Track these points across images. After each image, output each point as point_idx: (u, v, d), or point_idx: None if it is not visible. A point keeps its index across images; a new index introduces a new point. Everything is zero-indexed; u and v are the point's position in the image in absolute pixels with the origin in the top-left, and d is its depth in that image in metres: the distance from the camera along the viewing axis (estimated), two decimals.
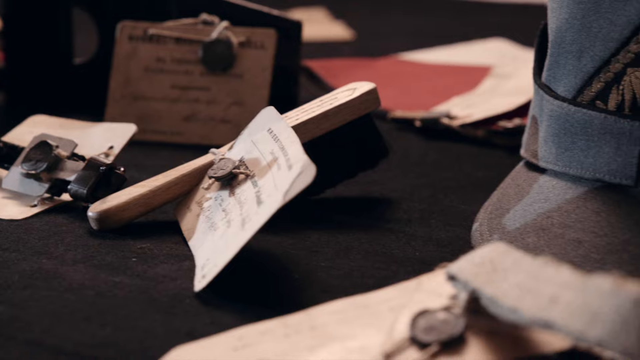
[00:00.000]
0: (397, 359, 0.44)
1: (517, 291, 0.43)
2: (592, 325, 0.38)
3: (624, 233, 0.55)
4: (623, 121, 0.56)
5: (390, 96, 0.94)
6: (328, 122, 0.66)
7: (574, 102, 0.59)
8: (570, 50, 0.59)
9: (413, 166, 0.77)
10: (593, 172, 0.58)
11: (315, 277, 0.56)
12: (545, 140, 0.62)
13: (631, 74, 0.56)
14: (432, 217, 0.66)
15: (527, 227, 0.58)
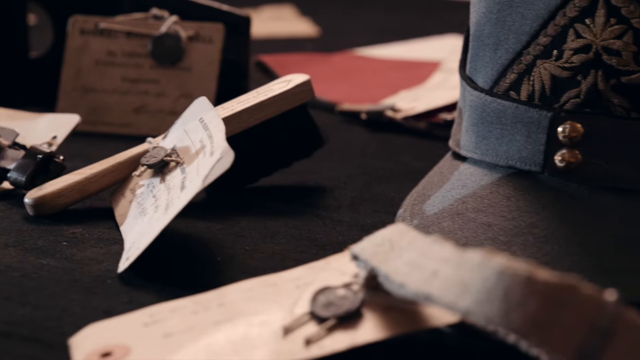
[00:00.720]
0: (295, 333, 0.47)
1: (406, 268, 0.45)
2: (462, 296, 0.40)
3: (530, 216, 0.58)
4: (533, 110, 0.59)
5: (342, 90, 0.97)
6: (263, 113, 0.68)
7: (490, 92, 0.62)
8: (487, 43, 0.62)
9: (352, 156, 0.79)
10: (506, 159, 0.60)
11: (237, 260, 0.58)
12: (466, 129, 0.64)
13: (540, 66, 0.59)
14: (361, 204, 0.68)
15: (444, 212, 0.61)
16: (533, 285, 0.39)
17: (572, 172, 0.57)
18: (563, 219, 0.57)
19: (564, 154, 0.58)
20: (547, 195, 0.58)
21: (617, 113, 0.57)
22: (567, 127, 0.57)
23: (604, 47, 0.57)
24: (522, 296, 0.38)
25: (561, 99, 0.58)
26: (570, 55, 0.58)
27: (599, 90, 0.57)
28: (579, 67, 0.57)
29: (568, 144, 0.57)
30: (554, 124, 0.58)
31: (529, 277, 0.39)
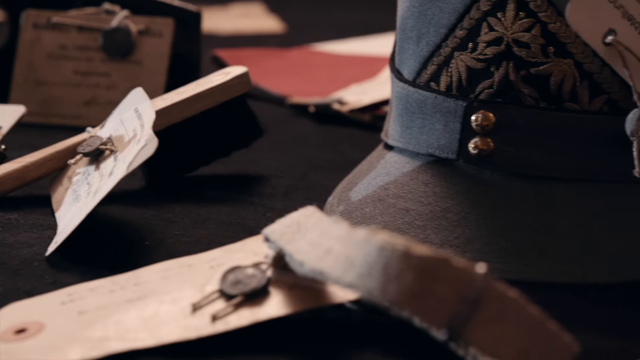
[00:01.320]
0: (203, 310, 0.49)
1: (307, 247, 0.48)
2: (347, 271, 0.43)
3: (445, 202, 0.60)
4: (450, 100, 0.61)
5: (294, 84, 0.99)
6: (201, 103, 0.71)
7: (413, 83, 0.64)
8: (410, 36, 0.64)
9: (295, 147, 0.82)
10: (426, 147, 0.63)
11: (165, 244, 0.61)
12: (393, 120, 0.67)
13: (457, 58, 0.61)
14: (295, 192, 0.71)
15: (367, 198, 0.63)
16: (409, 260, 0.41)
17: (484, 159, 0.60)
18: (475, 204, 0.59)
19: (477, 141, 0.60)
20: (461, 181, 0.61)
21: (527, 103, 0.59)
22: (479, 116, 0.60)
23: (514, 39, 0.59)
24: (399, 270, 0.41)
25: (476, 89, 0.60)
26: (483, 48, 0.60)
27: (510, 81, 0.59)
28: (491, 59, 0.60)
29: (481, 132, 0.60)
30: (468, 113, 0.60)
31: (406, 251, 0.41)
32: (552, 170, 0.59)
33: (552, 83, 0.59)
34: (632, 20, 0.57)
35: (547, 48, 0.59)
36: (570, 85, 0.59)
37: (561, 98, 0.59)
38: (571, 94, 0.59)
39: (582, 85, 0.59)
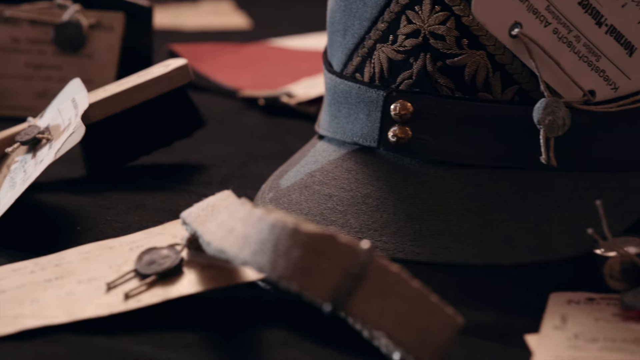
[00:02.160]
0: (118, 288, 0.51)
1: (216, 228, 0.50)
2: (243, 248, 0.45)
3: (366, 188, 0.63)
4: (372, 91, 0.64)
5: (248, 78, 1.02)
6: (141, 94, 0.73)
7: (341, 75, 0.66)
8: (338, 29, 0.67)
9: (240, 138, 0.84)
10: (351, 136, 0.65)
11: (96, 229, 0.63)
12: (324, 110, 0.69)
13: (379, 49, 0.64)
14: (232, 181, 0.73)
15: (295, 185, 0.65)
16: (297, 237, 0.43)
17: (403, 147, 0.62)
18: (394, 190, 0.62)
19: (396, 130, 0.62)
20: (382, 168, 0.63)
21: (443, 93, 0.62)
22: (398, 106, 0.62)
23: (430, 32, 0.61)
24: (288, 246, 0.43)
25: (397, 80, 0.63)
26: (403, 40, 0.62)
27: (427, 72, 0.62)
28: (410, 51, 0.62)
29: (399, 121, 0.62)
30: (387, 103, 0.63)
31: (295, 229, 0.44)
32: (467, 158, 0.62)
33: (467, 74, 0.61)
34: (537, 14, 0.59)
35: (462, 40, 0.61)
36: (484, 76, 0.61)
37: (475, 88, 0.61)
38: (484, 84, 0.61)
39: (495, 76, 0.61)
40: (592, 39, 0.61)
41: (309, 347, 0.48)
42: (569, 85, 0.61)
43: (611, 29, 0.61)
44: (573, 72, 0.61)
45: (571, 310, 0.51)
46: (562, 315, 0.51)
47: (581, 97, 0.61)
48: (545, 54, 0.60)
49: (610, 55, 0.61)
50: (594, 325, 0.50)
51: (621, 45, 0.61)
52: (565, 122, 0.60)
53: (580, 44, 0.61)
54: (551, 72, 0.60)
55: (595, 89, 0.61)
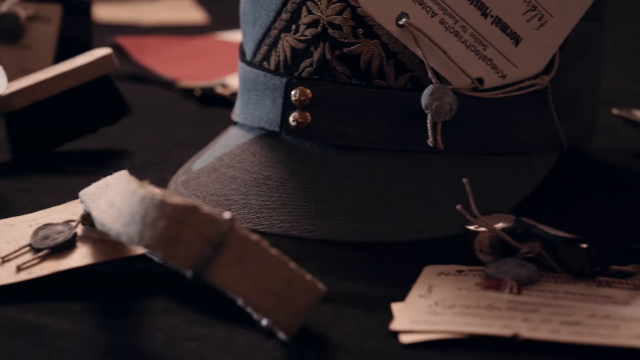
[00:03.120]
0: (12, 262, 0.55)
1: (103, 204, 0.54)
2: (117, 221, 0.49)
3: (268, 170, 0.66)
4: (276, 78, 0.67)
5: (189, 69, 1.05)
6: (65, 82, 0.77)
7: (250, 63, 0.70)
8: (248, 19, 0.70)
9: (170, 127, 0.88)
10: (259, 121, 0.69)
11: (10, 210, 0.66)
12: (238, 97, 0.73)
13: (284, 39, 0.67)
14: (152, 166, 0.77)
15: (205, 168, 0.69)
16: (164, 208, 0.47)
17: (303, 131, 0.66)
18: (293, 172, 0.66)
19: (296, 115, 0.66)
20: (284, 152, 0.67)
21: (341, 79, 0.65)
22: (297, 92, 0.66)
23: (329, 22, 0.65)
24: (155, 217, 0.47)
25: (299, 68, 0.67)
26: (304, 29, 0.66)
27: (326, 60, 0.65)
28: (311, 40, 0.66)
29: (299, 106, 0.66)
30: (288, 89, 0.66)
31: (161, 201, 0.47)
32: (363, 142, 0.65)
33: (362, 62, 0.65)
34: (422, 5, 0.63)
35: (357, 30, 0.65)
36: (378, 64, 0.65)
37: (370, 75, 0.65)
38: (379, 72, 0.65)
39: (389, 64, 0.65)
40: (478, 29, 0.64)
41: (187, 315, 0.52)
42: (457, 73, 0.64)
43: (496, 20, 0.65)
44: (461, 60, 0.64)
45: (439, 281, 0.55)
46: (429, 285, 0.55)
47: (469, 84, 0.65)
48: (433, 43, 0.63)
49: (497, 45, 0.65)
50: (456, 293, 0.53)
51: (507, 36, 0.65)
52: (452, 108, 0.63)
53: (467, 34, 0.64)
54: (440, 60, 0.64)
55: (483, 77, 0.65)
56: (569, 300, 0.52)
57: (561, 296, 0.53)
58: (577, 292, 0.53)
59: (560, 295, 0.53)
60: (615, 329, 0.49)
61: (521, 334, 0.49)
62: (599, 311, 0.51)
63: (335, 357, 0.48)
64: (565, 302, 0.52)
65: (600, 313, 0.51)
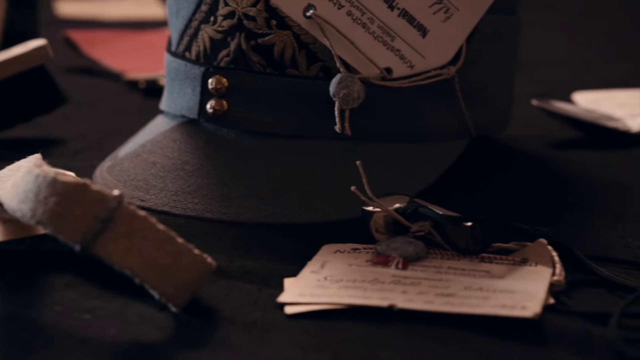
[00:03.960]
0: None
1: (9, 185, 0.56)
2: (14, 199, 0.52)
3: (186, 155, 0.69)
4: (195, 67, 0.71)
5: (138, 62, 1.08)
6: (0, 72, 0.80)
7: (174, 53, 0.73)
8: (173, 11, 0.74)
9: (109, 117, 0.91)
10: (180, 110, 0.72)
11: None
12: (165, 87, 0.76)
13: (203, 30, 0.70)
14: (83, 152, 0.80)
15: (129, 155, 0.72)
16: (55, 186, 0.50)
17: (220, 118, 0.69)
18: (209, 157, 0.69)
19: (213, 103, 0.69)
20: (202, 138, 0.70)
21: (256, 69, 0.69)
22: (214, 80, 0.69)
23: (244, 13, 0.68)
24: (46, 195, 0.50)
25: (218, 58, 0.70)
26: (221, 20, 0.69)
27: (242, 50, 0.69)
28: (228, 31, 0.69)
29: (216, 94, 0.69)
30: (206, 78, 0.69)
31: (53, 178, 0.50)
32: (278, 129, 0.69)
33: (276, 52, 0.68)
34: None
35: (270, 21, 0.68)
36: (291, 54, 0.68)
37: (284, 65, 0.68)
38: (292, 62, 0.68)
39: (301, 54, 0.68)
40: (386, 21, 0.68)
41: (87, 289, 0.55)
42: (366, 63, 0.67)
43: (403, 12, 0.68)
44: (369, 51, 0.67)
45: (333, 258, 0.58)
46: (323, 262, 0.58)
47: (378, 73, 0.68)
48: (340, 34, 0.66)
49: (405, 36, 0.68)
50: (346, 269, 0.56)
51: (414, 28, 0.68)
52: (359, 96, 0.67)
53: (375, 26, 0.67)
54: (349, 50, 0.67)
55: (392, 67, 0.68)
56: (450, 275, 0.55)
57: (443, 271, 0.56)
58: (459, 268, 0.56)
59: (442, 270, 0.56)
60: (484, 300, 0.52)
61: (397, 304, 0.52)
62: (474, 284, 0.54)
63: (220, 326, 0.51)
64: (445, 277, 0.55)
65: (475, 286, 0.54)
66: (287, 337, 0.50)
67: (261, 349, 0.49)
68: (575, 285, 0.55)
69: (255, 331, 0.51)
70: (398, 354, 0.49)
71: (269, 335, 0.50)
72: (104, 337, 0.49)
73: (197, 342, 0.49)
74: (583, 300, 0.53)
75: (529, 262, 0.57)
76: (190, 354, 0.48)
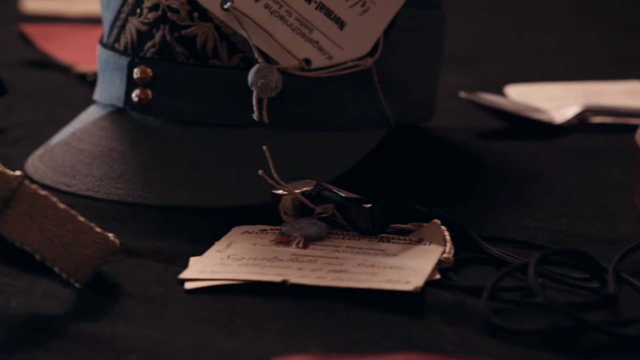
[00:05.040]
0: None
1: None
2: None
3: (112, 143, 0.72)
4: (123, 58, 0.74)
5: (89, 56, 1.11)
6: None
7: (105, 45, 0.76)
8: (104, 4, 0.77)
9: (51, 108, 0.94)
10: (109, 99, 0.75)
11: None
12: (97, 77, 0.79)
13: (130, 22, 0.73)
14: (19, 142, 0.83)
15: (60, 143, 0.75)
16: None
17: (145, 107, 0.72)
18: (135, 145, 0.72)
19: (138, 92, 0.72)
20: (129, 126, 0.73)
21: (180, 59, 0.72)
22: (139, 70, 0.72)
23: (167, 6, 0.71)
24: None
25: (144, 49, 0.73)
26: (147, 13, 0.72)
27: (167, 41, 0.72)
28: (153, 23, 0.72)
29: (141, 84, 0.72)
30: (131, 68, 0.72)
31: None
32: (201, 117, 0.72)
33: (198, 43, 0.71)
34: None
35: (193, 13, 0.71)
36: (213, 45, 0.71)
37: (206, 56, 0.71)
38: (214, 53, 0.71)
39: (222, 45, 0.71)
40: (303, 13, 0.71)
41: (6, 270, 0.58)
42: (284, 54, 0.70)
43: (320, 5, 0.71)
44: (287, 42, 0.70)
45: (240, 239, 0.61)
46: (230, 242, 0.61)
47: (297, 64, 0.71)
48: (258, 26, 0.69)
49: (322, 28, 0.71)
50: (249, 249, 0.59)
51: (331, 20, 0.71)
52: (277, 85, 0.70)
53: (292, 18, 0.70)
54: (267, 42, 0.70)
55: (310, 58, 0.71)
56: (346, 253, 0.58)
57: (341, 250, 0.59)
58: (357, 247, 0.59)
59: (341, 249, 0.59)
60: (372, 275, 0.55)
61: (290, 280, 0.55)
62: (367, 261, 0.57)
63: (120, 300, 0.54)
64: (342, 255, 0.58)
65: (367, 263, 0.57)
66: (183, 310, 0.53)
67: (155, 321, 0.52)
68: (465, 262, 0.58)
69: (153, 305, 0.54)
70: (283, 324, 0.52)
71: (166, 309, 0.53)
72: (3, 309, 0.52)
73: (95, 314, 0.52)
74: (468, 277, 0.56)
75: (424, 242, 0.60)
76: (85, 325, 0.51)
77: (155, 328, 0.51)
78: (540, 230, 0.63)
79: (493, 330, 0.51)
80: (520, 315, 0.52)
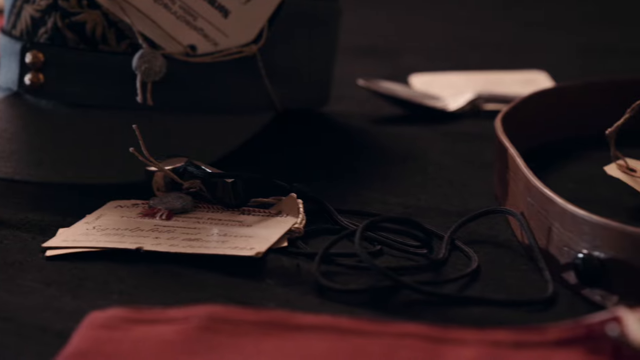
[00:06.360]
0: None
1: None
2: None
3: (5, 124, 0.76)
4: (17, 43, 0.77)
5: None
6: None
7: (4, 31, 0.80)
8: None
9: None
10: (7, 83, 0.79)
11: None
12: None
13: (25, 9, 0.77)
14: None
15: None
16: None
17: (37, 90, 0.76)
18: (25, 126, 0.76)
19: (30, 76, 0.76)
20: (22, 109, 0.77)
21: (71, 45, 0.75)
22: (30, 55, 0.76)
23: None
24: None
25: (38, 35, 0.76)
26: (40, 0, 0.76)
27: (58, 27, 0.75)
28: (45, 10, 0.76)
29: (33, 68, 0.76)
30: (23, 53, 0.76)
31: None
32: (91, 100, 0.75)
33: (88, 29, 0.75)
34: None
35: (82, 1, 0.75)
36: (101, 31, 0.75)
37: (95, 41, 0.75)
38: (103, 38, 0.75)
39: (110, 31, 0.75)
40: (187, 1, 0.74)
41: None
42: (169, 40, 0.74)
43: None
44: (171, 29, 0.74)
45: (110, 212, 0.65)
46: (100, 215, 0.65)
47: (182, 50, 0.74)
48: (141, 13, 0.73)
49: (207, 16, 0.75)
50: (116, 220, 0.63)
51: (215, 9, 0.75)
52: (161, 70, 0.73)
53: (176, 6, 0.74)
54: (152, 28, 0.74)
55: (196, 44, 0.75)
56: (206, 224, 0.62)
57: (202, 221, 0.63)
58: (218, 218, 0.63)
59: (202, 221, 0.63)
60: (222, 243, 0.59)
61: (144, 247, 0.59)
62: (222, 231, 0.61)
63: None
64: (201, 226, 0.62)
65: (222, 232, 0.61)
66: (38, 275, 0.57)
67: (8, 284, 0.56)
68: (317, 233, 0.62)
69: (11, 270, 0.57)
70: (127, 286, 0.56)
71: (23, 274, 0.57)
72: None
73: None
74: (316, 245, 0.60)
75: (282, 214, 0.63)
76: None
77: (9, 290, 0.55)
78: (398, 205, 0.67)
79: (320, 290, 0.55)
80: (348, 277, 0.56)
